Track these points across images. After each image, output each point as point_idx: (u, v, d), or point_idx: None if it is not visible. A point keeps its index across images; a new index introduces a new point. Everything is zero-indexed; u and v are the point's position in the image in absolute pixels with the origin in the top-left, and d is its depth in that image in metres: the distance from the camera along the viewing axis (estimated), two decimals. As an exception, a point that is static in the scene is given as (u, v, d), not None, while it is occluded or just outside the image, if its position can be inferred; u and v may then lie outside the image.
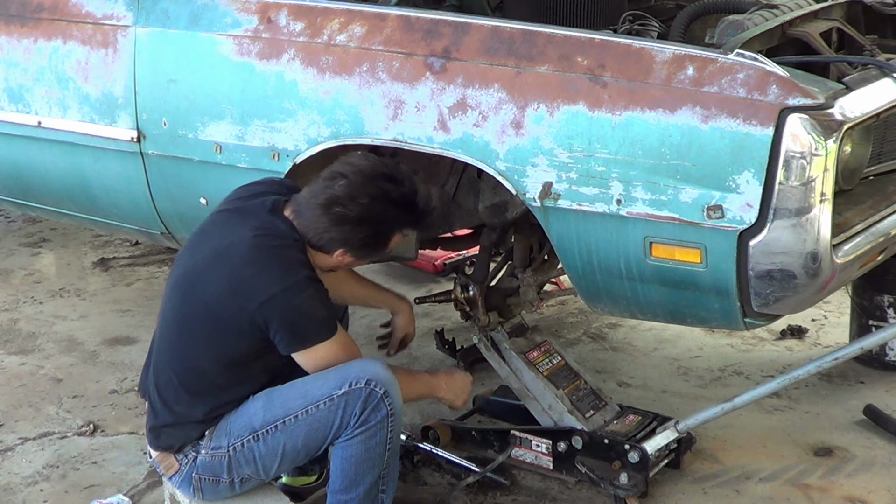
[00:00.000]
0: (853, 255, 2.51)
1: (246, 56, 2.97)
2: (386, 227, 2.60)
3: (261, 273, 2.50)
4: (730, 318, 2.55)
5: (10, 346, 4.20)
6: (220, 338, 2.56)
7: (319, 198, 2.55)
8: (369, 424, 2.56)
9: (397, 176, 2.59)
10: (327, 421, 2.57)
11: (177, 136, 3.12)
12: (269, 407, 2.62)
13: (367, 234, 2.58)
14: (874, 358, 3.80)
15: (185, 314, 2.62)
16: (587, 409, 3.10)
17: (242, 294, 2.50)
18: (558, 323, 4.21)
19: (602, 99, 2.50)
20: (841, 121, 2.39)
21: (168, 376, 2.65)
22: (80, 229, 5.25)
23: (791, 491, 3.11)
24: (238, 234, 2.57)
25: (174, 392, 2.64)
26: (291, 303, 2.50)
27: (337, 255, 2.61)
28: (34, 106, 3.42)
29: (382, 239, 2.61)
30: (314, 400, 2.58)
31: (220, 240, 2.60)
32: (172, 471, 2.70)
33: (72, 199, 3.59)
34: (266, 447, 2.61)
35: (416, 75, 2.71)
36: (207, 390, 2.62)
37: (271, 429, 2.60)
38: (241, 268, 2.52)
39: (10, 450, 3.43)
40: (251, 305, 2.49)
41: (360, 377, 2.56)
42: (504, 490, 3.11)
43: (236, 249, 2.55)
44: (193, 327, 2.60)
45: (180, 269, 2.66)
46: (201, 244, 2.64)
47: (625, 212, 2.50)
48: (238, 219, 2.62)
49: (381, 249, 2.64)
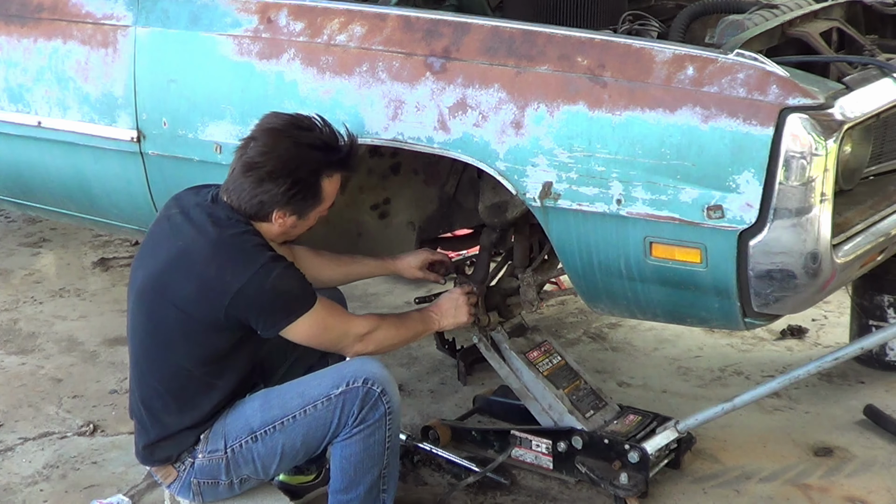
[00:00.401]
0: (853, 255, 2.51)
1: (246, 56, 2.96)
2: (306, 173, 2.56)
3: (225, 267, 2.49)
4: (730, 318, 2.55)
5: (10, 346, 4.21)
6: (197, 338, 2.55)
7: (237, 166, 2.58)
8: (367, 423, 2.57)
9: (306, 123, 2.59)
10: (325, 420, 2.57)
11: (177, 136, 3.11)
12: (266, 407, 2.62)
13: (290, 185, 2.54)
14: (874, 358, 3.80)
15: (157, 322, 2.59)
16: (587, 409, 3.10)
17: (212, 292, 2.49)
18: (558, 323, 4.21)
19: (602, 99, 2.50)
20: (841, 121, 2.38)
21: (153, 388, 2.62)
22: (80, 229, 5.26)
23: (791, 491, 3.11)
24: (191, 234, 2.56)
25: (161, 402, 2.62)
26: (262, 287, 2.48)
27: (277, 220, 2.58)
28: (34, 106, 3.42)
29: (309, 188, 2.57)
30: (312, 399, 2.58)
31: (175, 244, 2.57)
32: (171, 479, 2.69)
33: (72, 199, 3.59)
34: (265, 447, 2.61)
35: (416, 75, 2.71)
36: (194, 392, 2.61)
37: (269, 429, 2.60)
38: (204, 267, 2.50)
39: (10, 450, 3.43)
40: (224, 301, 2.48)
41: (357, 376, 2.57)
42: (504, 490, 3.11)
43: (195, 250, 2.54)
44: (168, 334, 2.57)
45: (139, 281, 2.62)
46: (156, 252, 2.61)
47: (625, 212, 2.50)
48: (187, 219, 2.60)
49: (316, 200, 2.59)
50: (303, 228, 2.67)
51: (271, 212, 2.57)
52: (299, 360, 2.90)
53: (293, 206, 2.57)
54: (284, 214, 2.58)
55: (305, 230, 2.69)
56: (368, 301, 4.53)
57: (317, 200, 2.61)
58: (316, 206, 2.62)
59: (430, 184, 3.28)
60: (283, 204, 2.56)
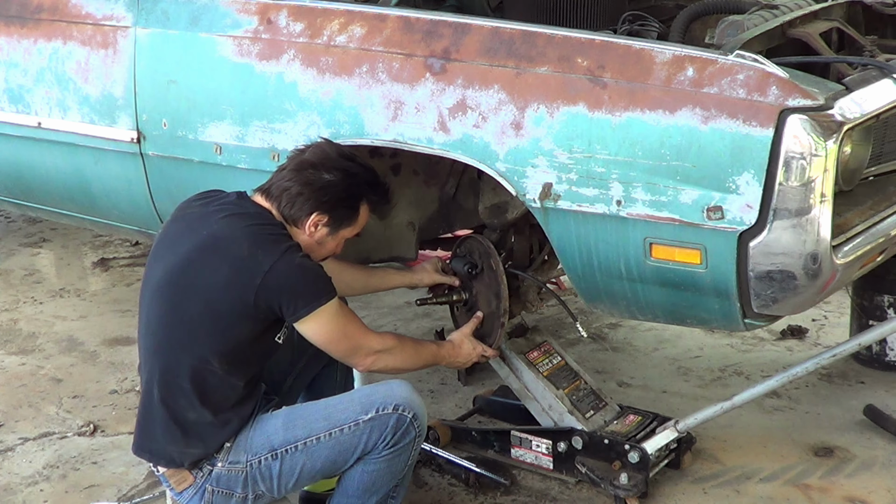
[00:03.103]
0: (853, 255, 2.51)
1: (246, 57, 2.97)
2: (355, 190, 2.63)
3: (256, 248, 2.51)
4: (730, 318, 2.55)
5: (10, 346, 4.21)
6: (221, 328, 2.54)
7: (290, 165, 2.64)
8: (397, 447, 2.59)
9: (357, 157, 2.68)
10: (350, 445, 2.58)
11: (177, 136, 3.12)
12: (289, 426, 2.60)
13: (338, 192, 2.60)
14: (874, 358, 3.80)
15: (180, 314, 2.57)
16: (587, 410, 3.10)
17: (245, 273, 2.50)
18: (558, 323, 4.21)
19: (602, 100, 2.50)
20: (841, 121, 2.38)
21: (176, 385, 2.57)
22: (80, 229, 5.26)
23: (791, 491, 3.11)
24: (220, 223, 2.57)
25: (187, 400, 2.57)
26: (292, 264, 2.51)
27: (310, 224, 2.60)
28: (34, 107, 3.43)
29: (353, 202, 2.64)
30: (338, 423, 2.58)
31: (200, 233, 2.58)
32: (185, 484, 2.63)
33: (72, 199, 3.59)
34: (285, 466, 2.60)
35: (416, 76, 2.71)
36: (216, 387, 2.58)
37: (291, 448, 2.59)
38: (237, 249, 2.52)
39: (10, 450, 3.43)
40: (256, 280, 2.48)
41: (388, 402, 2.57)
42: (504, 490, 3.11)
43: (224, 235, 2.55)
44: (192, 325, 2.55)
45: (158, 275, 2.60)
46: (176, 247, 2.60)
47: (625, 213, 2.50)
48: (211, 212, 2.61)
49: (352, 219, 2.65)
50: (327, 250, 2.69)
51: (310, 214, 2.59)
52: (304, 370, 2.91)
53: (333, 214, 2.62)
54: (319, 223, 2.61)
55: (323, 258, 2.70)
56: (368, 301, 4.53)
57: (352, 219, 2.66)
58: (349, 224, 2.66)
59: (430, 184, 3.28)
60: (326, 208, 2.60)
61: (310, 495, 3.00)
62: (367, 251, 3.25)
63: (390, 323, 4.31)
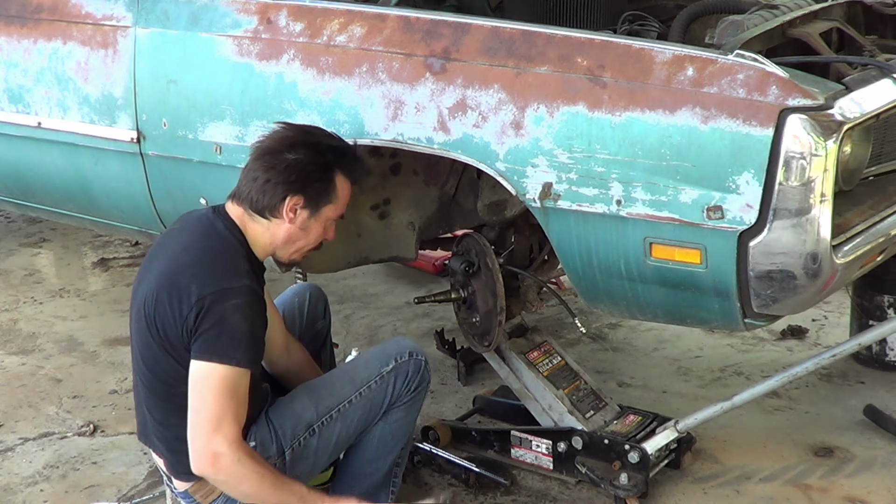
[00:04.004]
0: (853, 255, 2.51)
1: (246, 57, 2.96)
2: (322, 162, 2.55)
3: (198, 274, 2.44)
4: (730, 318, 2.55)
5: (10, 346, 4.21)
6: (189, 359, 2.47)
7: (251, 157, 2.58)
8: (418, 391, 2.71)
9: (318, 129, 2.66)
10: (379, 399, 2.66)
11: (177, 136, 3.11)
12: (318, 400, 2.63)
13: (305, 168, 2.52)
14: (874, 358, 3.80)
15: (159, 347, 2.51)
16: (587, 410, 3.10)
17: (180, 299, 2.42)
18: (558, 323, 4.21)
19: (602, 99, 2.50)
20: (841, 121, 2.38)
21: (171, 404, 2.54)
22: (80, 229, 5.25)
23: (791, 491, 3.11)
24: (176, 248, 2.54)
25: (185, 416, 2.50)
26: (223, 305, 2.40)
27: (287, 210, 2.53)
28: (34, 106, 3.42)
29: (324, 175, 2.55)
30: (365, 381, 2.66)
31: (161, 265, 2.53)
32: (215, 495, 2.57)
33: (72, 199, 3.59)
34: (322, 440, 2.63)
35: (416, 76, 2.71)
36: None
37: (326, 419, 2.62)
38: (183, 284, 2.44)
39: (10, 450, 3.43)
40: (186, 308, 2.41)
41: (402, 351, 2.70)
42: (504, 490, 3.11)
43: (177, 261, 2.50)
44: (171, 358, 2.49)
45: (140, 296, 2.55)
46: (148, 275, 2.56)
47: (625, 212, 2.50)
48: (181, 233, 2.60)
49: (329, 189, 2.56)
50: (314, 235, 2.61)
51: (283, 199, 2.52)
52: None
53: (307, 193, 2.54)
54: (296, 206, 2.54)
55: (313, 246, 2.65)
56: (368, 301, 4.53)
57: (330, 195, 2.58)
58: (329, 201, 2.58)
59: (430, 184, 3.28)
60: (298, 188, 2.52)
61: None
62: (367, 251, 3.25)
63: (390, 323, 4.31)
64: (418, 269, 4.62)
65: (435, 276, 4.61)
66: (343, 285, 4.67)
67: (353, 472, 2.77)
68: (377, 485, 2.79)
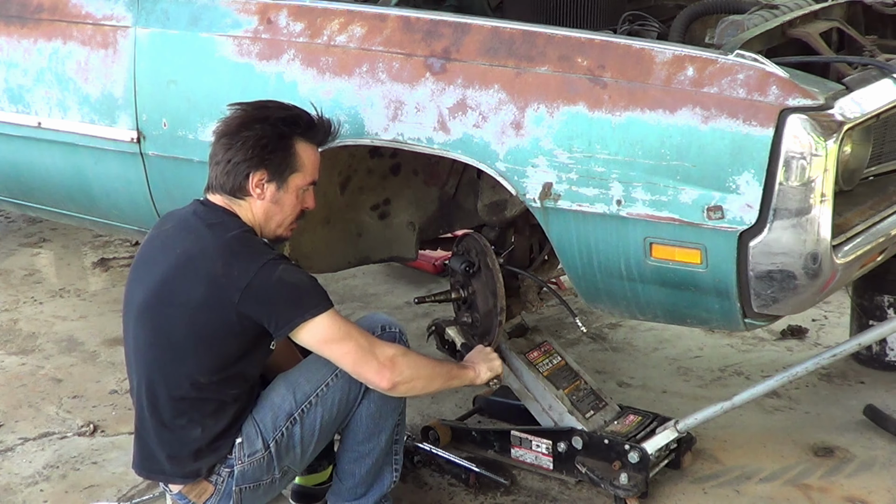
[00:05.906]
0: (853, 255, 2.51)
1: (246, 57, 2.97)
2: (278, 131, 2.56)
3: (231, 264, 2.47)
4: (730, 318, 2.55)
5: (10, 346, 4.21)
6: (208, 346, 2.51)
7: (213, 143, 2.61)
8: None
9: (269, 102, 2.66)
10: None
11: (177, 136, 3.11)
12: (295, 387, 2.62)
13: (261, 141, 2.54)
14: (874, 358, 3.80)
15: (166, 335, 2.53)
16: (587, 410, 3.10)
17: (222, 291, 2.46)
18: (558, 323, 4.21)
19: (602, 99, 2.50)
20: (841, 121, 2.38)
21: (173, 406, 2.56)
22: (80, 229, 5.26)
23: (791, 491, 3.11)
24: (191, 239, 2.55)
25: (188, 418, 2.56)
26: (270, 279, 2.45)
27: (254, 186, 2.55)
28: (34, 107, 3.42)
29: (283, 143, 2.57)
30: None
31: (174, 251, 2.55)
32: (207, 495, 2.62)
33: (72, 199, 3.59)
34: (305, 427, 2.62)
35: (416, 76, 2.71)
36: (217, 399, 2.56)
37: (306, 406, 2.61)
38: (211, 266, 2.48)
39: (10, 450, 3.43)
40: (234, 298, 2.45)
41: (373, 326, 2.67)
42: (504, 490, 3.11)
43: (197, 252, 2.51)
44: (178, 346, 2.52)
45: (139, 298, 2.57)
46: (152, 268, 2.58)
47: (625, 212, 2.50)
48: (182, 229, 2.59)
49: (291, 158, 2.57)
50: (290, 206, 2.62)
51: (247, 176, 2.55)
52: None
53: (269, 165, 2.55)
54: (262, 181, 2.56)
55: (293, 217, 2.64)
56: (368, 301, 4.53)
57: (292, 163, 2.58)
58: (293, 170, 2.59)
59: (430, 184, 3.28)
60: (258, 162, 2.54)
61: (303, 489, 3.00)
62: (367, 251, 3.26)
63: (390, 323, 4.31)
64: (418, 269, 4.62)
65: (435, 276, 4.61)
66: (343, 285, 4.67)
67: (351, 456, 2.77)
68: (378, 463, 2.79)
